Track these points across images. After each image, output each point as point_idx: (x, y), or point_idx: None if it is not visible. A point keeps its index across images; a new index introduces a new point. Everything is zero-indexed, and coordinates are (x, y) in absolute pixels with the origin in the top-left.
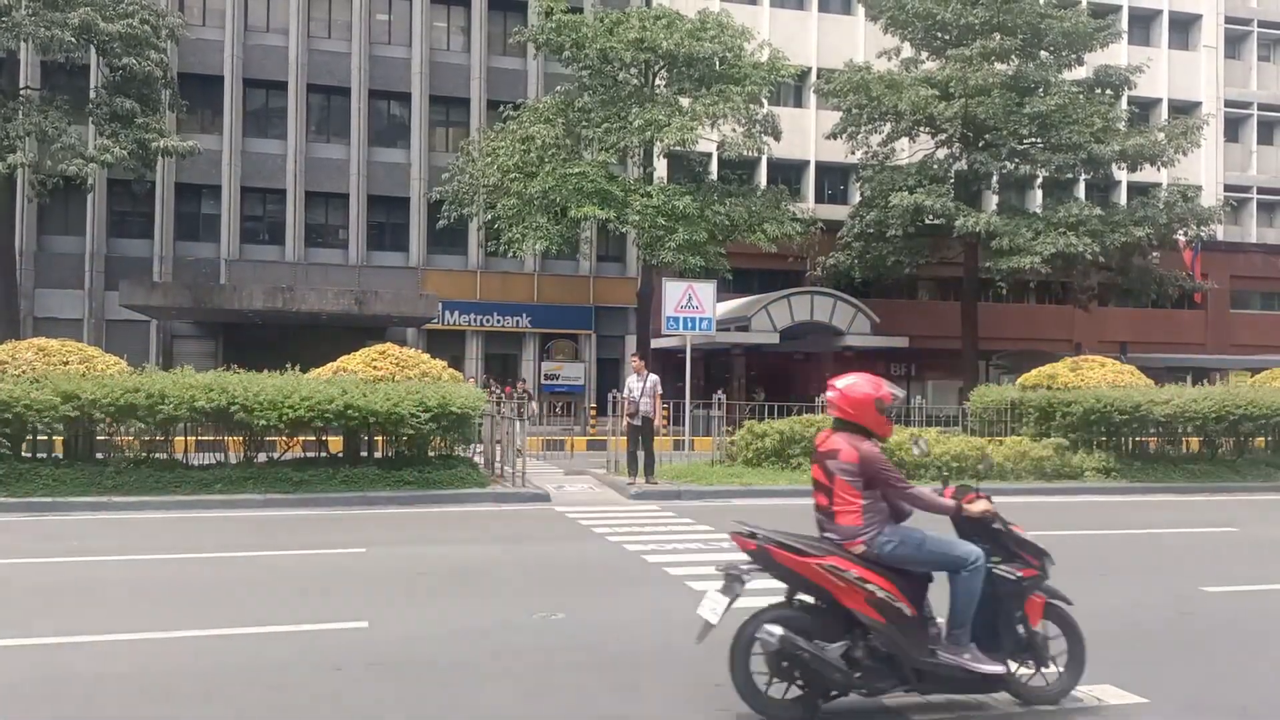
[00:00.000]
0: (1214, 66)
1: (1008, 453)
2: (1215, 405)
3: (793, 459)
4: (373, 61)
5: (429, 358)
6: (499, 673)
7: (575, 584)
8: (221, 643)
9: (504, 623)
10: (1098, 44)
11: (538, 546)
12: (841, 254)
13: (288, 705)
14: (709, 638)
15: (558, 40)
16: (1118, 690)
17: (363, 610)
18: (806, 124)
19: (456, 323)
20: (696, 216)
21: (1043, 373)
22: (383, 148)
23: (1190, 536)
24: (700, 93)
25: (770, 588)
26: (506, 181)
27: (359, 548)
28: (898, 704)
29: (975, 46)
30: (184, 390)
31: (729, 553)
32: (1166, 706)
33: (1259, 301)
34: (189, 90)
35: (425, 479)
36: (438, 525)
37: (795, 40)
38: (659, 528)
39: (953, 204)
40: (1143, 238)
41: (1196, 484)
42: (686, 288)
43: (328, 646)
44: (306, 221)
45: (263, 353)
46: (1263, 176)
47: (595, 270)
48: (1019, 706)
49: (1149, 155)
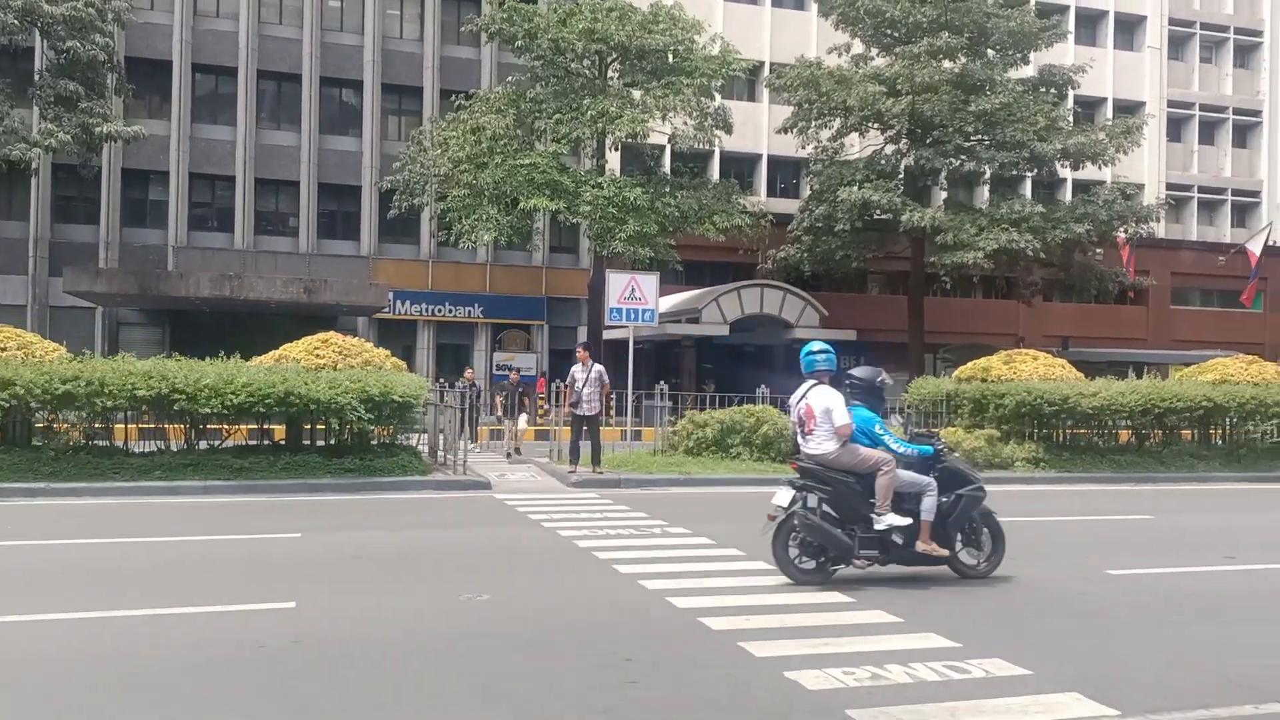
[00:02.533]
0: (1157, 67)
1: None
2: (1141, 398)
3: (732, 448)
4: (324, 48)
5: (372, 346)
6: (419, 651)
7: (505, 568)
8: (146, 623)
9: (430, 605)
10: (1043, 43)
11: (473, 532)
12: (791, 247)
13: (209, 681)
14: (611, 619)
15: (510, 30)
16: (1005, 663)
17: (292, 592)
18: (759, 118)
19: (408, 312)
20: (647, 208)
21: (977, 365)
22: (334, 135)
23: (1107, 523)
24: (652, 85)
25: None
26: (457, 172)
27: (294, 533)
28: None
29: (923, 44)
30: (124, 378)
31: (660, 538)
32: (1047, 678)
33: (1199, 298)
34: (137, 75)
35: (367, 466)
36: (376, 512)
37: (749, 34)
38: (595, 515)
39: (899, 199)
40: (1083, 234)
41: (1122, 474)
42: (630, 279)
43: (254, 626)
44: (256, 209)
45: (211, 341)
46: (1203, 176)
47: (548, 261)
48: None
49: (1090, 154)
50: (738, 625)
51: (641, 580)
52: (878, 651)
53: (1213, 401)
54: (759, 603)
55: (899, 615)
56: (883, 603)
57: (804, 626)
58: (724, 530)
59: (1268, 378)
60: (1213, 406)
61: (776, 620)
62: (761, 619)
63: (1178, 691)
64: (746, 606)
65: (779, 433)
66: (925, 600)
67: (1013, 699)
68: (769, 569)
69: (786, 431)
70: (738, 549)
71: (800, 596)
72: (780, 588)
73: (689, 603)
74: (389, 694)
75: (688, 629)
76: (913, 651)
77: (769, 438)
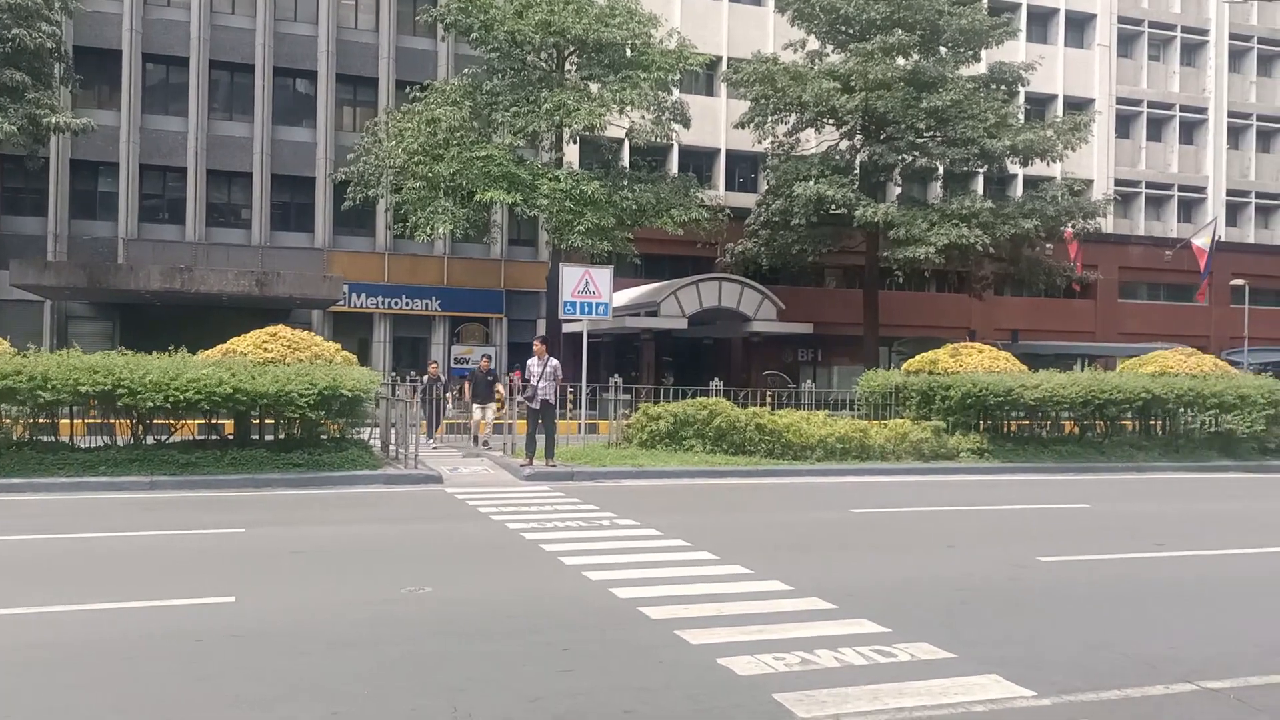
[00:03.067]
0: (1107, 65)
1: (889, 435)
2: (1082, 390)
3: (685, 440)
4: (278, 38)
5: (322, 340)
6: (354, 642)
7: (450, 561)
8: (83, 617)
9: (371, 598)
10: (994, 41)
11: (420, 526)
12: (749, 241)
13: (140, 675)
14: (552, 610)
15: (465, 21)
16: (931, 647)
17: (232, 586)
18: (718, 113)
19: (364, 305)
20: (605, 201)
21: (925, 358)
22: (288, 126)
23: (1043, 512)
24: (609, 78)
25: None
26: (412, 164)
27: (239, 528)
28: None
29: (876, 41)
30: (68, 373)
31: (608, 529)
32: (970, 661)
33: (1146, 291)
34: (85, 64)
35: (316, 461)
36: (323, 506)
37: (706, 29)
38: (545, 508)
39: (853, 194)
40: (1031, 230)
41: (1064, 464)
42: (584, 273)
43: (191, 620)
44: (208, 200)
45: (162, 334)
46: (1151, 172)
47: (506, 254)
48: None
49: (1039, 150)
50: (676, 614)
51: (585, 572)
52: (810, 637)
53: (1151, 393)
54: (699, 592)
55: (834, 602)
56: (820, 590)
57: (741, 614)
58: (671, 522)
59: (1205, 369)
60: (1151, 398)
61: (715, 609)
62: (700, 608)
63: (1095, 673)
64: (686, 596)
65: (731, 424)
66: (861, 587)
67: (934, 681)
68: (713, 559)
69: (739, 423)
70: (683, 540)
71: (740, 585)
72: (721, 577)
73: (630, 593)
74: (318, 684)
75: (627, 619)
76: (844, 637)
77: (722, 430)
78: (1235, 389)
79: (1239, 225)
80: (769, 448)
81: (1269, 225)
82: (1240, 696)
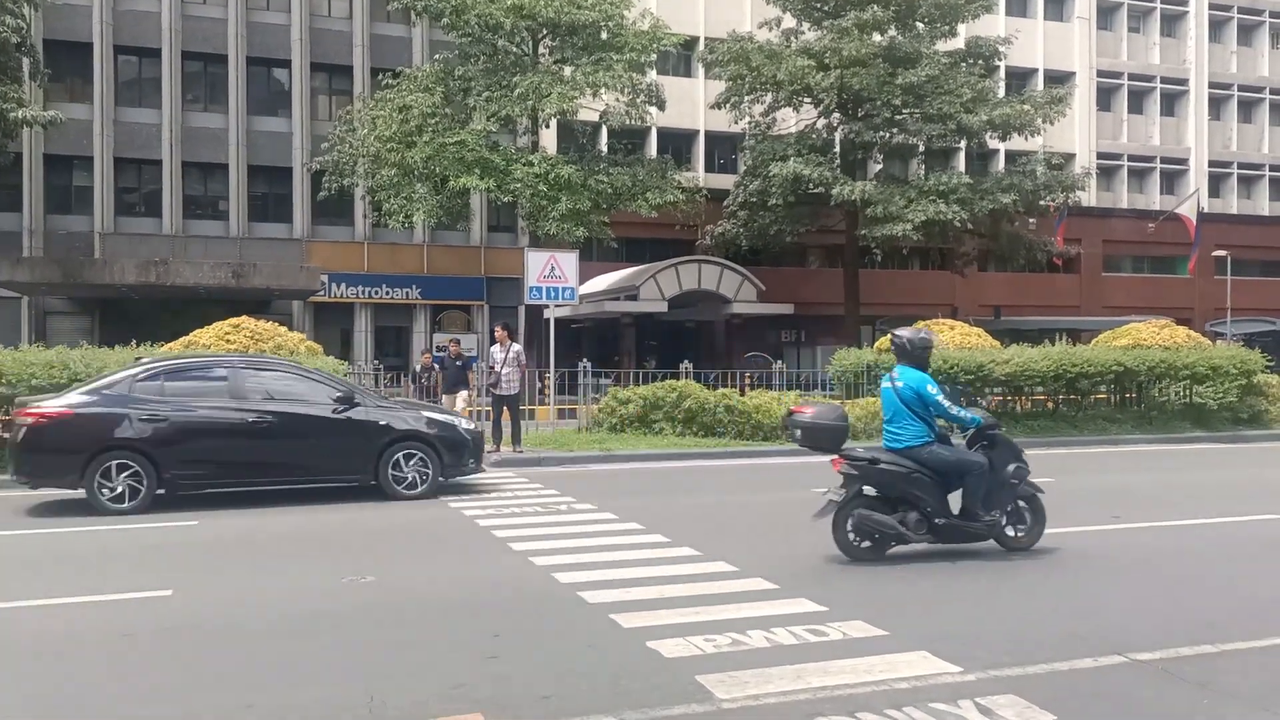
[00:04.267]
0: (1087, 37)
1: (860, 413)
2: (1053, 364)
3: (655, 424)
4: (250, 28)
5: (286, 330)
6: (285, 633)
7: (398, 549)
8: (16, 614)
9: (311, 587)
10: (970, 15)
11: (374, 514)
12: (728, 223)
13: (61, 670)
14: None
15: (437, 6)
16: (865, 625)
17: (172, 579)
18: (695, 94)
19: (344, 295)
20: (580, 185)
21: None
22: (263, 116)
23: None
24: (582, 61)
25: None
26: (385, 151)
27: (191, 521)
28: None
29: (850, 17)
30: (22, 367)
31: (565, 514)
32: (901, 638)
33: (1129, 264)
34: (55, 57)
35: None
36: (281, 496)
37: (683, 9)
38: (506, 494)
39: (830, 173)
40: (1009, 204)
41: (1036, 438)
42: (549, 258)
43: (125, 615)
44: (184, 193)
45: (141, 328)
46: (1132, 144)
47: (486, 240)
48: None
49: (1017, 124)
50: (614, 598)
51: (532, 557)
52: (745, 618)
53: (1123, 366)
54: (642, 575)
55: (776, 582)
56: (765, 570)
57: (680, 597)
58: (629, 505)
59: (1179, 341)
60: (1123, 370)
61: (655, 592)
62: (640, 591)
63: (1026, 648)
64: (628, 579)
65: (701, 406)
66: (807, 567)
67: (861, 659)
68: (664, 541)
69: (708, 405)
70: (638, 523)
71: (685, 568)
72: (668, 559)
73: (572, 578)
74: (239, 675)
75: (565, 603)
76: (779, 617)
77: (691, 412)
78: (1207, 360)
79: (1221, 196)
80: (739, 429)
81: (1251, 196)
82: (1167, 668)
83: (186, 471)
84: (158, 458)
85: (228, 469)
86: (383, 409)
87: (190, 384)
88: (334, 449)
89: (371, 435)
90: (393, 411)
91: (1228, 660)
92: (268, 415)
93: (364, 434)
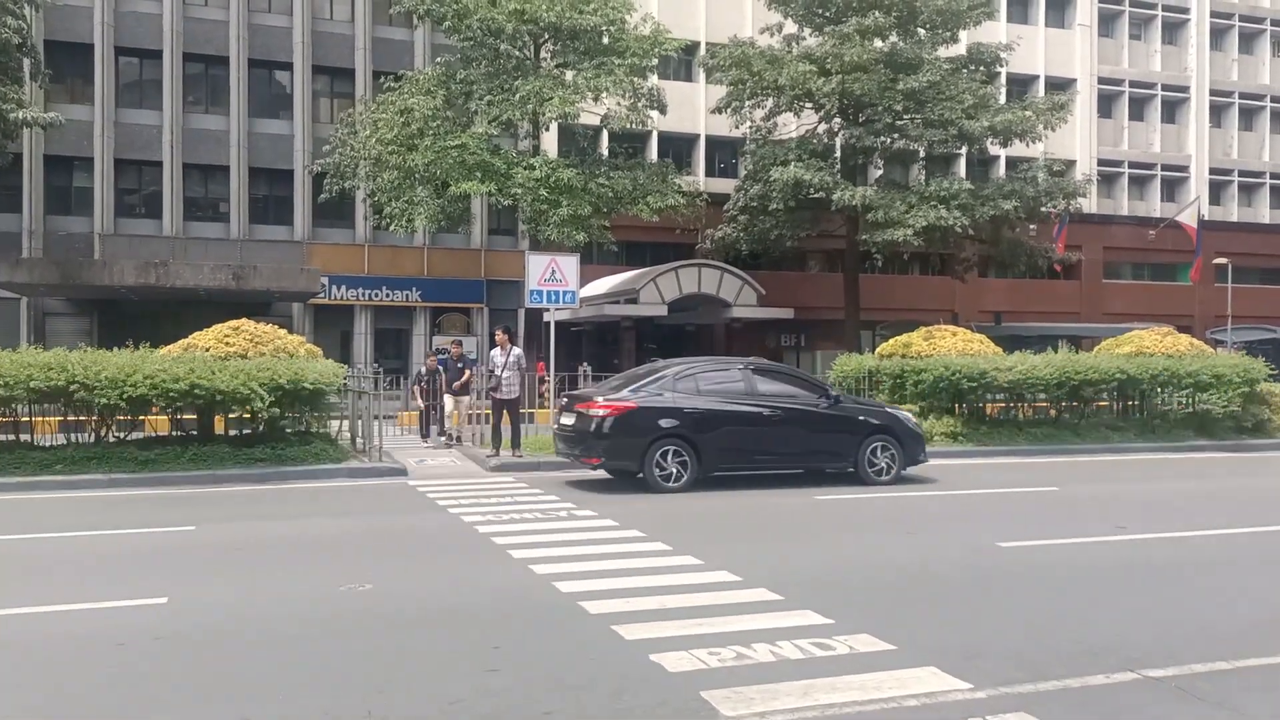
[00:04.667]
0: (1088, 44)
1: None
2: (1056, 372)
3: None
4: (252, 30)
5: (285, 333)
6: (280, 642)
7: (397, 556)
8: (6, 623)
9: (308, 595)
10: (972, 21)
11: (375, 520)
12: (728, 227)
13: (52, 679)
14: (490, 606)
15: (439, 10)
16: (872, 638)
17: (168, 587)
18: (697, 98)
19: (344, 298)
20: (580, 189)
21: (899, 341)
22: (264, 119)
23: (1011, 496)
24: (584, 65)
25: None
26: (386, 154)
27: (189, 525)
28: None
29: (852, 23)
30: (20, 369)
31: (565, 520)
32: (910, 653)
33: (1130, 271)
34: (56, 59)
35: (278, 456)
36: (281, 502)
37: (684, 14)
38: (505, 499)
39: (831, 178)
40: (1010, 210)
41: (1039, 446)
42: (550, 261)
43: (119, 623)
44: (185, 194)
45: (140, 330)
46: (1133, 151)
47: (487, 243)
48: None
49: (1019, 131)
50: (616, 608)
51: (532, 565)
52: (750, 631)
53: (1126, 373)
54: (644, 585)
55: (781, 593)
56: (769, 580)
57: (683, 607)
58: (630, 511)
59: (1181, 349)
60: (1126, 378)
61: (657, 602)
62: (642, 601)
63: (1037, 663)
64: (630, 589)
65: None
66: (812, 577)
67: (870, 675)
68: (665, 549)
69: None
70: (639, 530)
71: (688, 577)
72: (670, 569)
73: (573, 587)
74: (235, 686)
75: (566, 614)
76: (785, 630)
77: None
78: (1211, 368)
79: (1222, 204)
80: None
81: (1251, 203)
82: (1181, 685)
83: (717, 456)
84: (697, 444)
85: (746, 454)
86: (858, 405)
87: (713, 383)
88: (827, 439)
89: (855, 428)
90: (868, 408)
91: (1243, 678)
92: (778, 409)
93: (850, 427)
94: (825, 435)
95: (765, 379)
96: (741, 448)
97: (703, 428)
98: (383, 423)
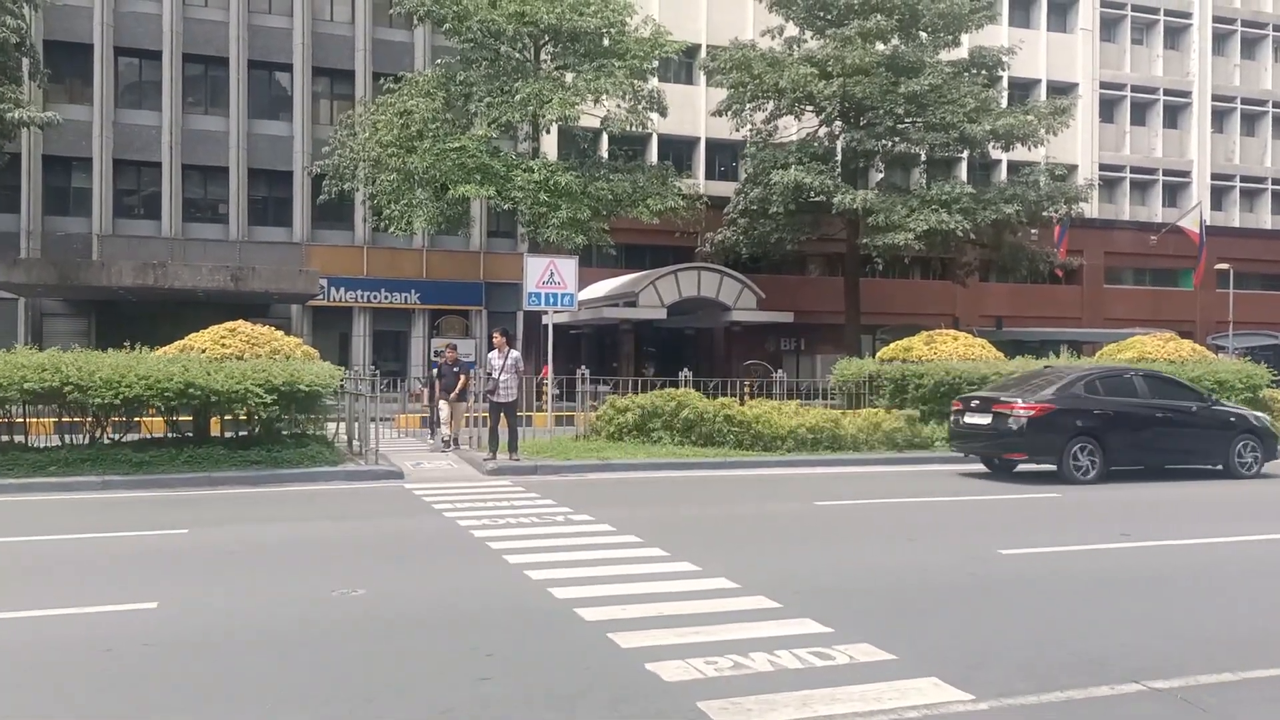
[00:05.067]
0: (1090, 49)
1: (861, 424)
2: None
3: (653, 433)
4: (252, 31)
5: (282, 334)
6: (269, 649)
7: (391, 560)
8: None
9: (299, 600)
10: (973, 25)
11: (369, 523)
12: (728, 230)
13: (33, 686)
14: (483, 612)
15: (439, 12)
16: (872, 648)
17: (158, 591)
18: (697, 101)
19: (343, 299)
20: (580, 192)
21: (899, 346)
22: (264, 120)
23: (1014, 502)
24: (583, 67)
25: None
26: (385, 156)
27: (182, 529)
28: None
29: (854, 26)
30: (14, 370)
31: (561, 525)
32: (910, 663)
33: (1131, 277)
34: (56, 58)
35: (274, 458)
36: (275, 504)
37: (685, 16)
38: (501, 503)
39: (831, 181)
40: (1012, 215)
41: None
42: (548, 264)
43: (107, 628)
44: (184, 195)
45: (138, 331)
46: (1135, 156)
47: (486, 245)
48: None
49: (1020, 134)
50: (612, 616)
51: (527, 570)
52: (747, 639)
53: None
54: (640, 591)
55: (779, 601)
56: (767, 587)
57: (679, 615)
58: (628, 516)
59: (1184, 354)
60: None
61: (653, 609)
62: (638, 608)
63: (1039, 673)
64: (626, 596)
65: (699, 416)
66: (811, 585)
67: (870, 686)
68: (663, 555)
69: (707, 415)
70: (636, 535)
71: (685, 584)
72: (667, 575)
73: (568, 593)
74: (219, 693)
75: (560, 621)
76: (783, 638)
77: (690, 421)
78: (1213, 373)
79: (1224, 209)
80: (738, 439)
81: (1253, 209)
82: (1186, 697)
83: (1119, 452)
84: (1105, 441)
85: (1141, 451)
86: (1226, 408)
87: (1111, 387)
88: (1207, 438)
89: (1228, 428)
90: (1234, 410)
91: (1250, 690)
92: (1169, 410)
93: (1225, 426)
94: (1203, 434)
95: (1152, 383)
96: (1139, 445)
97: (1108, 427)
98: (379, 425)
